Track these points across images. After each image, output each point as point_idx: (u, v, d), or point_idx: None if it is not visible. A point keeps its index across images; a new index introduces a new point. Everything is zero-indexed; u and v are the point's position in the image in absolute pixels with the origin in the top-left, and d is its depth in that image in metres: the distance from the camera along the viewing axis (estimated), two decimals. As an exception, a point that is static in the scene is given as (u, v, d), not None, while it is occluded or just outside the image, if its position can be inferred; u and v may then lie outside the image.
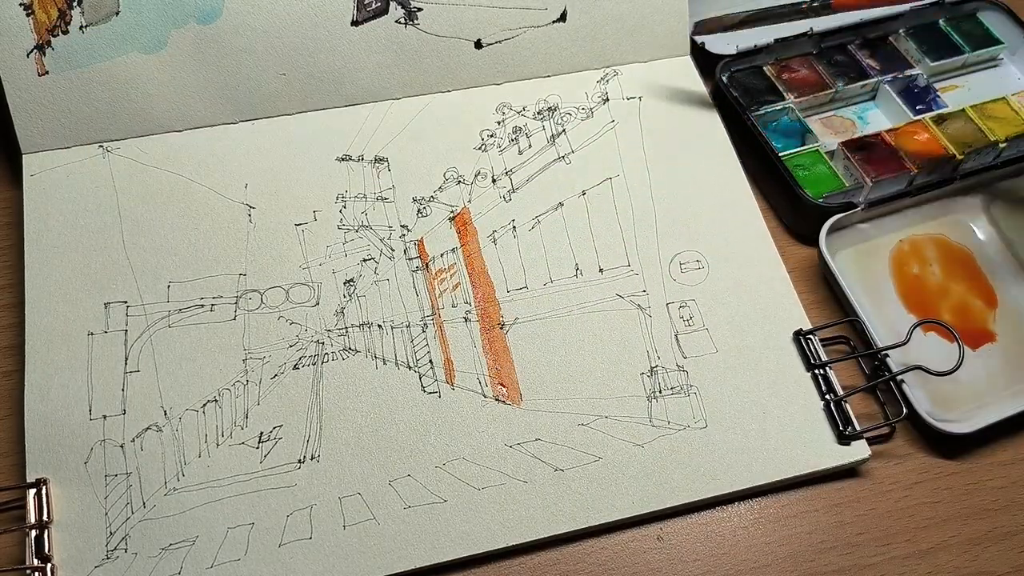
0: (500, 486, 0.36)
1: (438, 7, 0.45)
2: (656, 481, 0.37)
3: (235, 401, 0.38)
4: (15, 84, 0.42)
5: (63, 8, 0.42)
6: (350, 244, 0.42)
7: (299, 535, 0.35)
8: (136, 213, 0.42)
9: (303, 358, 0.39)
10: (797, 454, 0.37)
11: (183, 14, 0.43)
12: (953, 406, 0.39)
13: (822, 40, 0.51)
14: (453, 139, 0.45)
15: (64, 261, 0.40)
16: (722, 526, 0.37)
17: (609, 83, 0.48)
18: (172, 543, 0.35)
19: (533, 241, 0.43)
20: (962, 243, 0.44)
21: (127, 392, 0.38)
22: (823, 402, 0.39)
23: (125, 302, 0.40)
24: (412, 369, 0.39)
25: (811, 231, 0.43)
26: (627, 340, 0.40)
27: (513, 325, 0.40)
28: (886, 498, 0.38)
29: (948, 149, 0.46)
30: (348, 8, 0.44)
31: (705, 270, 0.42)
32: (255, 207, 0.43)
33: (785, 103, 0.48)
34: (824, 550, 0.36)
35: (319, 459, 0.37)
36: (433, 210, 0.43)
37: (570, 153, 0.45)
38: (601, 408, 0.38)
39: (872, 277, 0.43)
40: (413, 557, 0.35)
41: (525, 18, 0.46)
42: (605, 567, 0.36)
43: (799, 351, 0.40)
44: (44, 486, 0.35)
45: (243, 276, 0.41)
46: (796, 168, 0.45)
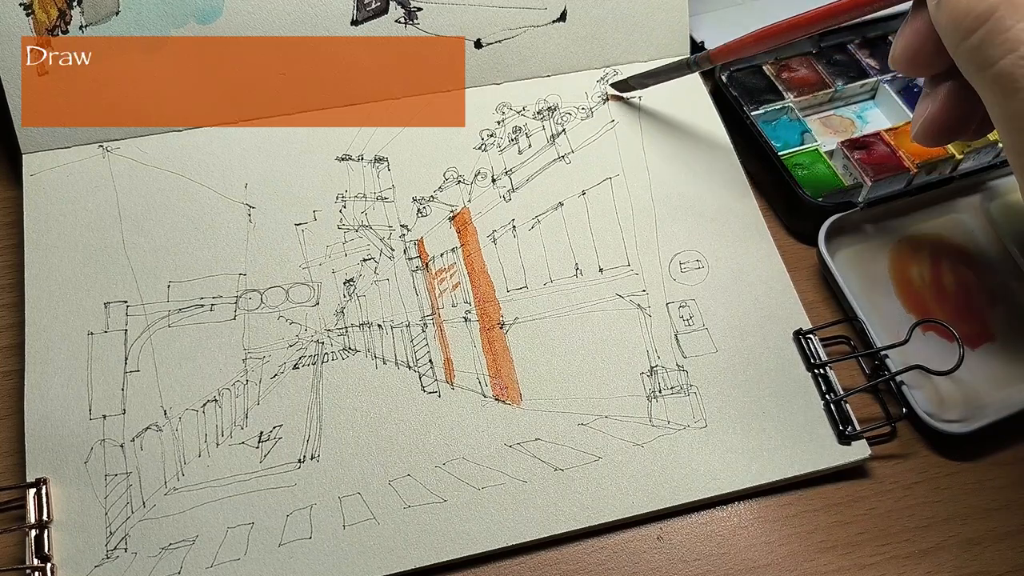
0: (500, 486, 0.36)
1: (438, 7, 0.45)
2: (656, 481, 0.37)
3: (235, 401, 0.38)
4: (15, 84, 0.42)
5: (63, 8, 0.42)
6: (350, 244, 0.42)
7: (299, 535, 0.35)
8: (136, 213, 0.42)
9: (303, 358, 0.39)
10: (797, 454, 0.37)
11: (183, 14, 0.43)
12: (953, 406, 0.39)
13: (821, 39, 0.51)
14: (453, 139, 0.45)
15: (64, 261, 0.40)
16: (722, 526, 0.37)
17: (609, 83, 0.48)
18: (172, 543, 0.35)
19: (533, 241, 0.43)
20: (961, 243, 0.44)
21: (127, 392, 0.38)
22: (823, 402, 0.39)
23: (125, 302, 0.40)
24: (412, 369, 0.39)
25: (810, 231, 0.43)
26: (627, 340, 0.40)
27: (513, 325, 0.40)
28: (886, 498, 0.38)
29: (948, 149, 0.46)
30: (348, 8, 0.44)
31: (705, 270, 0.42)
32: (255, 207, 0.43)
33: (784, 102, 0.48)
34: (824, 550, 0.36)
35: (319, 459, 0.37)
36: (433, 210, 0.43)
37: (570, 153, 0.45)
38: (601, 408, 0.38)
39: (872, 277, 0.43)
40: (413, 557, 0.35)
41: (525, 18, 0.46)
42: (605, 567, 0.36)
43: (799, 351, 0.40)
44: (44, 486, 0.35)
45: (243, 276, 0.41)
46: (795, 167, 0.45)
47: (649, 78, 0.46)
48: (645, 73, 0.46)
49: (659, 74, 0.45)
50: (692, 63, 0.43)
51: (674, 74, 0.44)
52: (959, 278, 0.43)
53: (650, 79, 0.46)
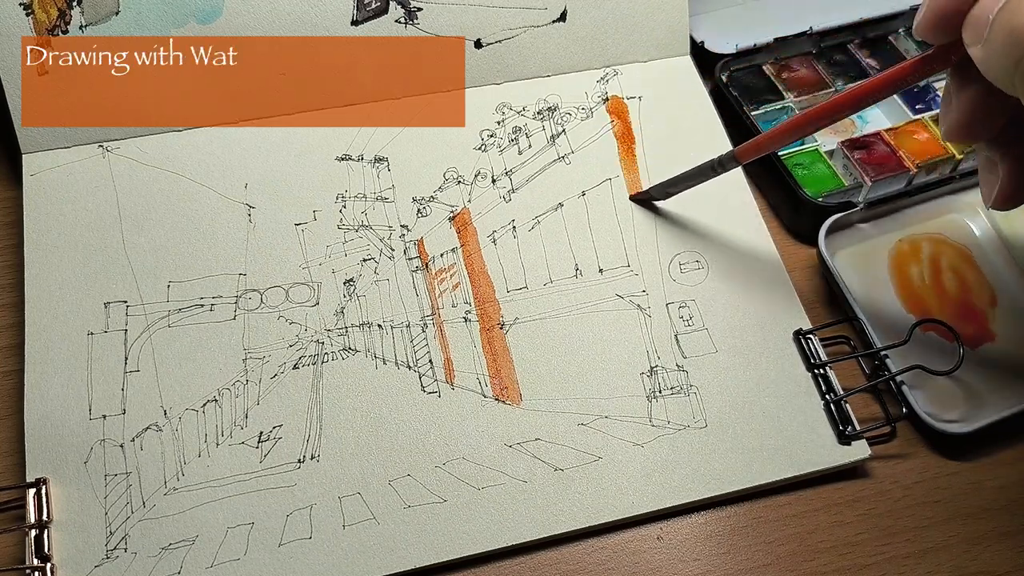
0: (500, 486, 0.36)
1: (438, 7, 0.45)
2: (656, 481, 0.37)
3: (235, 401, 0.38)
4: (15, 84, 0.42)
5: (63, 8, 0.42)
6: (350, 244, 0.42)
7: (299, 535, 0.35)
8: (136, 213, 0.42)
9: (303, 358, 0.39)
10: (797, 454, 0.37)
11: (183, 14, 0.43)
12: (953, 406, 0.39)
13: (822, 39, 0.51)
14: (453, 139, 0.45)
15: (64, 261, 0.40)
16: (722, 526, 0.37)
17: (609, 83, 0.48)
18: (172, 543, 0.35)
19: (533, 241, 0.43)
20: (962, 242, 0.44)
21: (127, 392, 0.38)
22: (823, 402, 0.39)
23: (125, 302, 0.40)
24: (412, 369, 0.39)
25: (811, 230, 0.43)
26: (627, 340, 0.40)
27: (513, 325, 0.40)
28: (886, 498, 0.38)
29: (948, 149, 0.46)
30: (348, 8, 0.44)
31: (705, 270, 0.42)
32: (255, 207, 0.43)
33: (785, 102, 0.48)
34: (824, 550, 0.36)
35: (319, 459, 0.37)
36: (433, 210, 0.43)
37: (570, 153, 0.45)
38: (601, 408, 0.38)
39: (872, 277, 0.43)
40: (413, 557, 0.35)
41: (525, 18, 0.46)
42: (605, 567, 0.36)
43: (799, 351, 0.40)
44: (44, 486, 0.35)
45: (243, 276, 0.41)
46: (795, 167, 0.45)
47: (672, 187, 0.42)
48: (667, 182, 0.42)
49: (681, 181, 0.41)
50: (717, 165, 0.39)
51: (699, 179, 0.40)
52: (959, 278, 0.43)
53: (672, 187, 0.42)
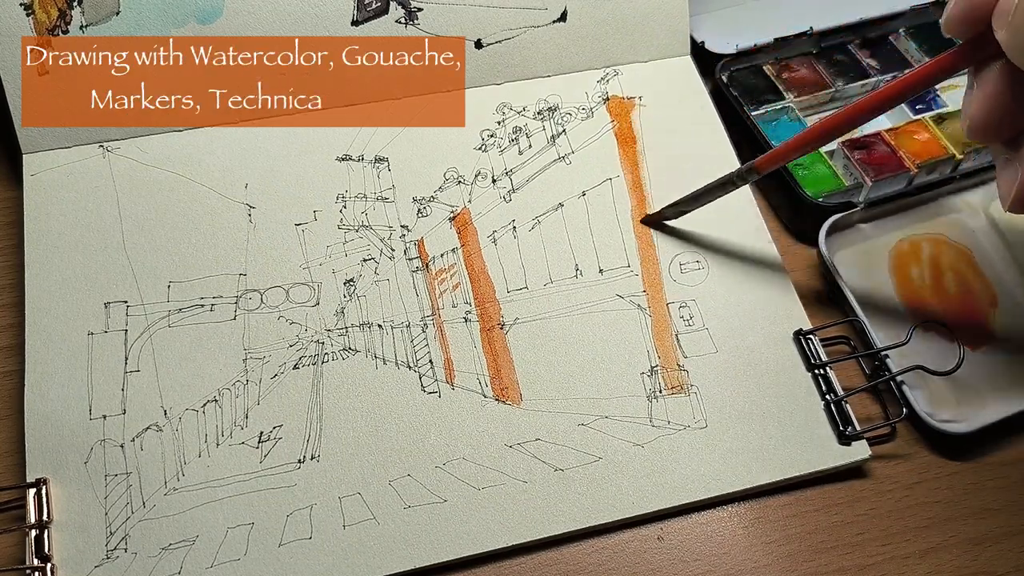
0: (500, 486, 0.36)
1: (438, 7, 0.45)
2: (656, 481, 0.37)
3: (235, 401, 0.38)
4: (15, 84, 0.42)
5: (63, 8, 0.42)
6: (350, 244, 0.42)
7: (299, 535, 0.35)
8: (136, 213, 0.42)
9: (303, 358, 0.39)
10: (797, 454, 0.37)
11: (183, 14, 0.43)
12: (953, 406, 0.39)
13: (822, 39, 0.51)
14: (453, 139, 0.45)
15: (64, 261, 0.40)
16: (722, 526, 0.37)
17: (609, 83, 0.48)
18: (172, 543, 0.35)
19: (533, 241, 0.43)
20: (962, 243, 0.44)
21: (127, 392, 0.38)
22: (823, 402, 0.39)
23: (125, 302, 0.40)
24: (412, 369, 0.39)
25: (811, 231, 0.43)
26: (627, 340, 0.40)
27: (513, 325, 0.40)
28: (886, 498, 0.38)
29: (948, 149, 0.46)
30: (348, 8, 0.44)
31: (705, 270, 0.42)
32: (255, 207, 0.43)
33: (785, 102, 0.48)
34: (824, 550, 0.36)
35: (319, 459, 0.37)
36: (433, 210, 0.43)
37: (570, 153, 0.45)
38: (601, 408, 0.38)
39: (872, 277, 0.43)
40: (413, 557, 0.35)
41: (525, 18, 0.46)
42: (605, 567, 0.36)
43: (799, 351, 0.40)
44: (44, 486, 0.35)
45: (243, 276, 0.41)
46: (796, 168, 0.45)
47: (685, 205, 0.41)
48: (684, 200, 0.40)
49: (698, 197, 0.40)
50: (737, 178, 0.38)
51: (717, 193, 0.39)
52: (959, 278, 0.43)
53: (686, 205, 0.41)
